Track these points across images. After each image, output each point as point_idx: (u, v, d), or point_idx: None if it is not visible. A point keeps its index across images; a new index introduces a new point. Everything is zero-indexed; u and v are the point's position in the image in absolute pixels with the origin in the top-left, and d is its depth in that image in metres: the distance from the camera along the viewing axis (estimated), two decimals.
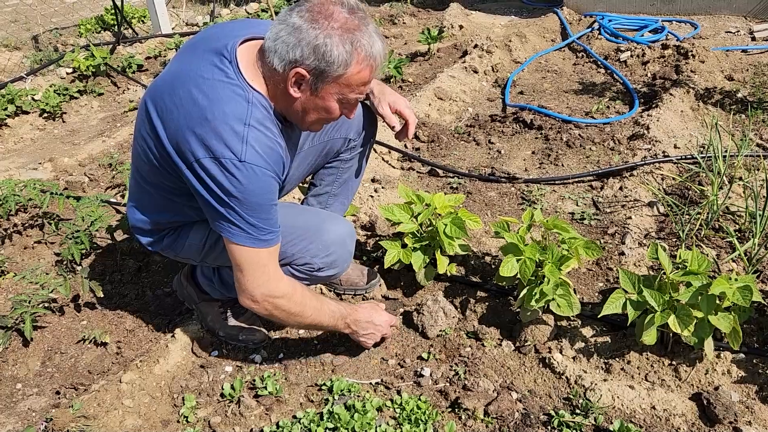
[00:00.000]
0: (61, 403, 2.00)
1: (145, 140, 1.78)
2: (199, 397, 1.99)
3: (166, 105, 1.69)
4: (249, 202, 1.64)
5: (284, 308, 1.82)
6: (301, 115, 1.74)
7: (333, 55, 1.57)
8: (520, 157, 3.41)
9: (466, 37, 5.19)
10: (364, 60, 1.62)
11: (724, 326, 1.81)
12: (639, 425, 1.79)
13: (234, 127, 1.60)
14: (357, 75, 1.64)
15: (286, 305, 1.81)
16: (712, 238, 2.53)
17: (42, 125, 4.17)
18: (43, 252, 2.77)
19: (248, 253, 1.71)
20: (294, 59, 1.59)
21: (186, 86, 1.66)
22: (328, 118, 1.76)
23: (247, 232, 1.68)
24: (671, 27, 5.04)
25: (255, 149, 1.61)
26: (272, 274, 1.78)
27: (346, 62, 1.59)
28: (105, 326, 2.35)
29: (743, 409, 1.81)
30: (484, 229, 2.73)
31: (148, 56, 5.10)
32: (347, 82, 1.64)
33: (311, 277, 1.98)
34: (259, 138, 1.63)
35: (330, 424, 1.84)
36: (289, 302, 1.82)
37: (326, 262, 1.95)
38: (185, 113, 1.63)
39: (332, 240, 1.95)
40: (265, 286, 1.76)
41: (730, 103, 3.66)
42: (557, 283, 2.02)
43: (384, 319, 2.09)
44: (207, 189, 1.64)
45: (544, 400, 1.92)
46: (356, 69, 1.62)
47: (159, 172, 1.78)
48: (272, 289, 1.78)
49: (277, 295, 1.79)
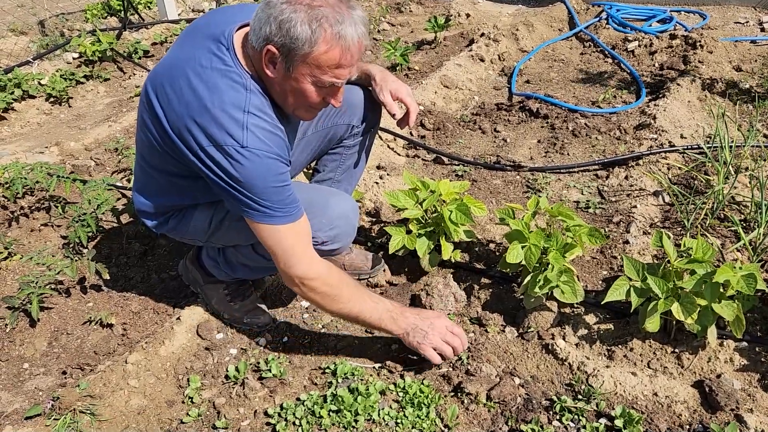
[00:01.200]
0: (68, 382, 2.02)
1: (148, 127, 1.79)
2: (204, 379, 2.01)
3: (167, 92, 1.69)
4: (256, 186, 1.65)
5: (319, 291, 1.82)
6: (282, 98, 1.72)
7: (297, 31, 1.53)
8: (526, 145, 3.40)
9: (473, 25, 5.17)
10: (332, 39, 1.56)
11: (727, 314, 1.82)
12: (641, 411, 1.80)
13: (234, 115, 1.61)
14: (325, 55, 1.58)
15: (320, 288, 1.81)
16: (717, 228, 2.53)
17: (48, 110, 4.17)
18: (50, 235, 2.79)
19: (270, 232, 1.73)
20: (265, 35, 1.58)
21: (185, 74, 1.67)
22: (307, 103, 1.71)
23: (262, 212, 1.69)
24: (680, 17, 5.01)
25: (256, 135, 1.62)
26: (301, 255, 1.78)
27: (311, 40, 1.55)
28: (111, 308, 2.37)
29: (745, 397, 1.81)
30: (489, 217, 2.73)
31: (154, 42, 5.10)
32: (316, 63, 1.60)
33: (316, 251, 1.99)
34: (259, 124, 1.64)
35: (333, 407, 1.86)
36: (323, 285, 1.82)
37: (330, 235, 1.95)
38: (185, 102, 1.64)
39: (336, 214, 1.95)
40: (297, 268, 1.78)
41: (738, 93, 3.64)
42: (561, 270, 2.02)
43: (439, 318, 1.96)
44: (215, 174, 1.66)
45: (546, 385, 1.93)
46: (323, 48, 1.57)
47: (163, 157, 1.80)
48: (305, 271, 1.78)
49: (310, 276, 1.79)
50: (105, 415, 1.85)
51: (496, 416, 1.84)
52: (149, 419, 1.88)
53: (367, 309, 1.89)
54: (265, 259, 2.02)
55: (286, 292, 2.37)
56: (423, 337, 1.91)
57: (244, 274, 2.16)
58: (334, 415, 1.84)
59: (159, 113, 1.71)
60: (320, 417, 1.83)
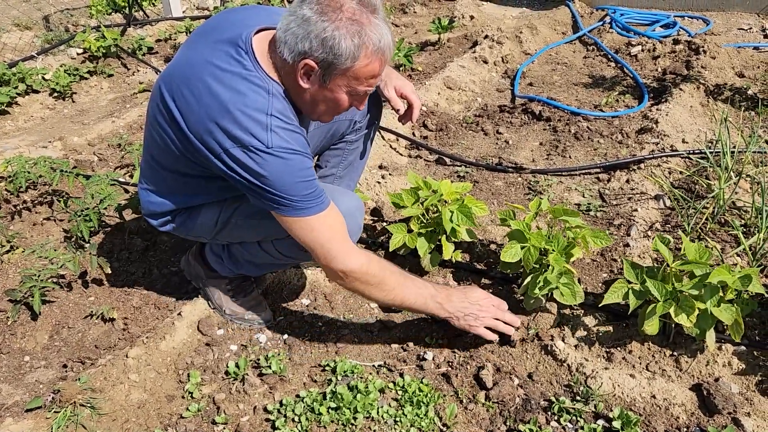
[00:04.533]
0: (68, 376, 2.03)
1: (162, 128, 1.80)
2: (204, 374, 2.02)
3: (184, 95, 1.71)
4: (285, 182, 1.67)
5: (363, 280, 1.83)
6: (311, 106, 1.76)
7: (341, 47, 1.58)
8: (528, 147, 3.41)
9: (477, 27, 5.18)
10: (373, 53, 1.63)
11: (726, 318, 1.82)
12: (639, 413, 1.81)
13: (257, 118, 1.63)
14: (365, 68, 1.65)
15: (363, 278, 1.82)
16: (717, 232, 2.53)
17: (52, 104, 4.18)
18: (52, 229, 2.80)
19: (304, 225, 1.74)
20: (303, 51, 1.61)
21: (203, 77, 1.68)
22: (337, 109, 1.78)
23: (290, 206, 1.71)
24: (683, 22, 5.02)
25: (280, 135, 1.65)
26: (340, 247, 1.79)
27: (354, 55, 1.60)
28: (112, 303, 2.38)
29: (742, 401, 1.82)
30: (490, 218, 2.74)
31: (158, 39, 5.11)
32: (355, 75, 1.66)
33: None
34: (281, 125, 1.66)
35: (333, 404, 1.87)
36: (366, 275, 1.82)
37: None
38: (206, 105, 1.66)
39: (342, 212, 1.94)
40: (338, 261, 1.78)
41: (740, 99, 3.65)
42: (561, 272, 2.03)
43: (482, 295, 2.00)
44: (242, 176, 1.68)
45: (545, 386, 1.93)
46: (365, 62, 1.63)
47: (178, 158, 1.81)
48: (347, 263, 1.79)
49: (353, 268, 1.79)
50: (105, 409, 1.86)
51: (495, 416, 1.85)
52: (149, 413, 1.89)
53: (411, 295, 1.90)
54: (271, 256, 2.04)
55: (288, 290, 2.38)
56: (474, 320, 1.95)
57: (248, 271, 2.17)
58: (333, 413, 1.85)
59: (176, 115, 1.72)
60: (319, 414, 1.84)
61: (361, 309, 2.31)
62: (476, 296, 1.99)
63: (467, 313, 1.94)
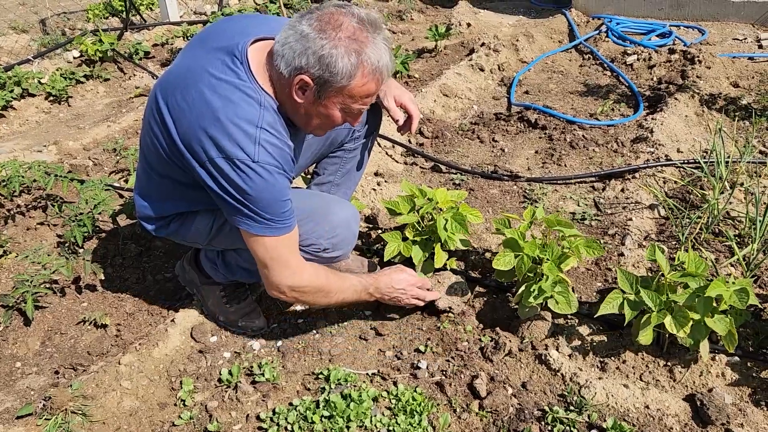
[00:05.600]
0: (60, 382, 2.02)
1: (155, 133, 1.80)
2: (196, 382, 2.01)
3: (178, 102, 1.71)
4: (263, 199, 1.68)
5: (310, 294, 1.91)
6: (305, 120, 1.76)
7: (338, 66, 1.59)
8: (524, 156, 3.42)
9: (474, 35, 5.20)
10: (370, 73, 1.63)
11: (720, 329, 1.83)
12: (632, 424, 1.80)
13: (246, 130, 1.63)
14: (362, 87, 1.65)
15: (311, 291, 1.90)
16: (711, 242, 2.54)
17: (47, 108, 4.18)
18: (46, 234, 2.79)
19: (268, 243, 1.76)
20: (299, 66, 1.61)
21: (198, 85, 1.68)
22: (330, 125, 1.79)
23: (262, 224, 1.73)
24: (679, 32, 5.04)
25: (267, 150, 1.65)
26: (295, 266, 1.84)
27: (350, 74, 1.61)
28: (105, 309, 2.37)
29: (736, 412, 1.82)
30: (485, 226, 2.74)
31: (155, 43, 5.11)
32: (350, 94, 1.66)
33: (317, 258, 2.01)
34: (270, 140, 1.66)
35: (326, 412, 1.86)
36: (313, 288, 1.90)
37: (331, 243, 1.98)
38: (197, 113, 1.66)
39: (337, 222, 1.99)
40: (291, 279, 1.84)
41: (735, 109, 3.66)
42: (556, 281, 2.03)
43: (405, 279, 2.11)
44: (221, 187, 1.68)
45: (538, 396, 1.93)
46: (361, 81, 1.64)
47: (168, 164, 1.81)
48: (297, 281, 1.85)
49: (303, 284, 1.87)
50: (97, 416, 1.85)
51: (488, 426, 1.84)
52: (141, 421, 1.88)
53: (349, 293, 2.01)
54: None
55: None
56: (398, 298, 2.12)
57: (242, 277, 2.17)
58: (326, 421, 1.84)
59: (168, 121, 1.72)
60: (312, 422, 1.83)
61: (354, 317, 2.31)
62: (400, 278, 2.11)
63: (393, 296, 2.10)
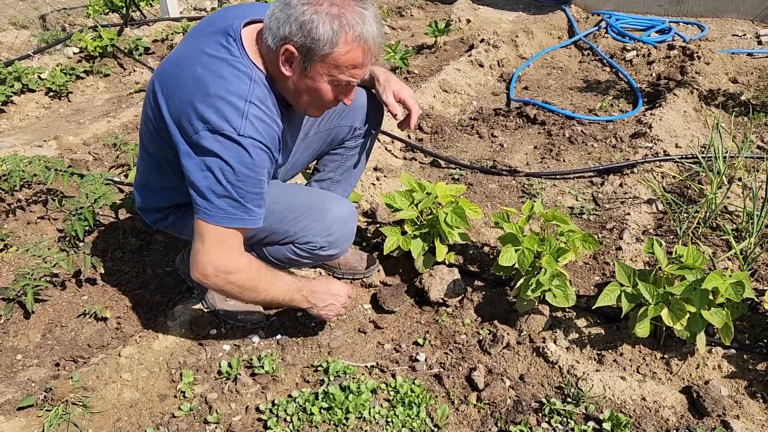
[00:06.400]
0: (61, 374, 2.03)
1: (150, 119, 1.81)
2: (196, 374, 2.02)
3: (171, 84, 1.71)
4: (240, 173, 1.63)
5: (238, 283, 1.76)
6: (296, 96, 1.74)
7: (319, 32, 1.57)
8: (522, 151, 3.43)
9: (473, 31, 5.20)
10: (354, 40, 1.60)
11: (716, 321, 1.84)
12: (629, 415, 1.82)
13: (235, 103, 1.62)
14: (345, 56, 1.62)
15: (239, 280, 1.76)
16: (709, 237, 2.55)
17: (47, 104, 4.18)
18: (46, 228, 2.80)
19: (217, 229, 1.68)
20: (284, 35, 1.60)
21: (191, 65, 1.69)
22: (321, 101, 1.74)
23: (225, 209, 1.65)
24: (678, 28, 5.05)
25: (254, 125, 1.63)
26: (233, 250, 1.73)
27: (332, 41, 1.58)
28: (105, 302, 2.38)
29: (732, 404, 1.83)
30: (484, 220, 2.75)
31: (155, 39, 5.11)
32: (335, 63, 1.63)
33: (313, 256, 2.00)
34: (258, 115, 1.64)
35: (325, 404, 1.87)
36: (242, 278, 1.76)
37: (328, 241, 1.96)
38: (189, 91, 1.65)
39: (334, 219, 1.96)
40: (222, 261, 1.71)
41: (734, 105, 3.67)
42: (554, 274, 2.04)
43: (341, 289, 2.04)
44: (199, 160, 1.63)
45: (536, 388, 1.94)
46: (344, 49, 1.60)
47: (164, 150, 1.81)
48: (228, 265, 1.72)
49: (232, 270, 1.73)
50: (97, 408, 1.86)
51: (486, 417, 1.86)
52: (141, 412, 1.89)
53: (280, 292, 1.89)
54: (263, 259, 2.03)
55: None
56: (328, 310, 2.02)
57: None
58: (325, 413, 1.85)
59: (162, 104, 1.72)
60: (311, 414, 1.85)
61: (354, 310, 2.32)
62: (337, 287, 2.03)
63: (327, 303, 2.00)
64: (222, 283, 1.75)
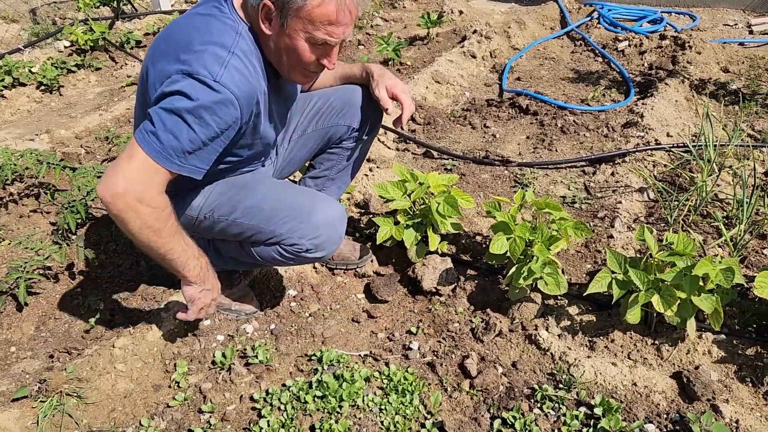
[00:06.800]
0: (55, 366, 2.03)
1: (139, 94, 1.81)
2: (190, 364, 2.03)
3: (161, 49, 1.71)
4: (197, 113, 1.58)
5: (143, 217, 1.62)
6: (278, 57, 1.73)
7: None
8: (515, 141, 3.43)
9: (466, 22, 5.19)
10: None
11: (706, 307, 1.86)
12: (620, 400, 1.83)
13: (217, 53, 1.62)
14: (318, 9, 1.61)
15: (146, 215, 1.62)
16: (699, 224, 2.57)
17: (39, 98, 4.16)
18: (39, 221, 2.79)
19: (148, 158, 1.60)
20: None
21: (181, 27, 1.71)
22: (301, 61, 1.72)
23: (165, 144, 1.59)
24: (670, 18, 5.06)
25: (232, 75, 1.61)
26: (154, 185, 1.63)
27: None
28: (99, 294, 2.38)
29: (721, 388, 1.85)
30: (476, 210, 2.76)
31: (146, 32, 5.09)
32: (309, 17, 1.62)
33: (299, 258, 1.95)
34: (239, 67, 1.64)
35: (318, 392, 1.88)
36: (151, 214, 1.63)
37: (314, 243, 1.90)
38: (174, 44, 1.67)
39: (322, 222, 1.90)
40: (139, 186, 1.60)
41: (724, 94, 3.69)
42: (545, 262, 2.05)
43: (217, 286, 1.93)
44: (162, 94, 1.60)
45: (528, 375, 1.96)
46: (316, 2, 1.61)
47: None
48: (144, 194, 1.61)
49: (146, 201, 1.61)
50: (91, 398, 1.87)
51: (479, 404, 1.87)
52: (136, 402, 1.90)
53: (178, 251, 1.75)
54: (251, 257, 2.02)
55: (275, 281, 2.39)
56: (205, 295, 1.88)
57: (233, 266, 2.17)
58: (318, 401, 1.86)
59: (148, 64, 1.72)
60: (305, 402, 1.86)
61: (347, 300, 2.33)
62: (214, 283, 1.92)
63: (208, 287, 1.88)
64: (125, 209, 1.59)
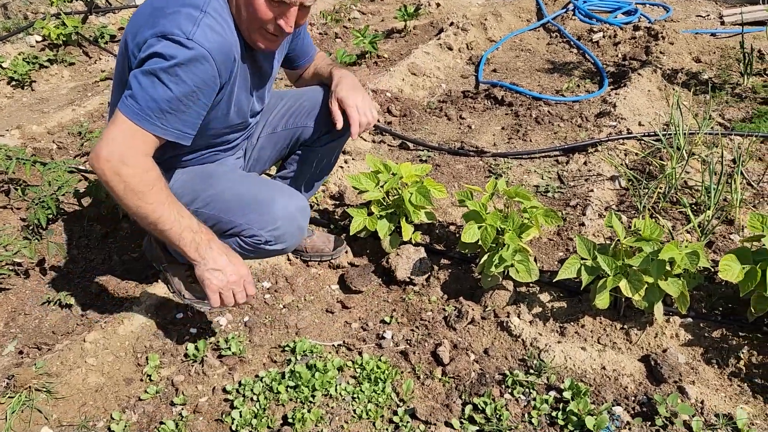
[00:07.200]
0: (24, 362, 2.01)
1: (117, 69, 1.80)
2: (162, 357, 2.02)
3: (137, 21, 1.71)
4: (173, 73, 1.59)
5: (126, 179, 1.59)
6: (239, 16, 1.73)
7: None
8: (490, 132, 3.45)
9: (443, 15, 5.20)
10: None
11: (672, 291, 1.89)
12: (589, 384, 1.86)
13: (190, 13, 1.63)
14: None
15: (129, 176, 1.60)
16: (669, 211, 2.61)
17: (10, 93, 4.11)
18: (9, 217, 2.75)
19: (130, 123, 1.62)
20: None
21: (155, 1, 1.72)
22: (259, 19, 1.70)
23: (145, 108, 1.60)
24: (644, 9, 5.10)
25: (205, 32, 1.63)
26: (137, 147, 1.63)
27: None
28: (71, 289, 2.36)
29: (688, 370, 1.89)
30: (450, 200, 2.78)
31: (121, 27, 5.03)
32: None
33: (258, 250, 1.91)
34: (212, 24, 1.65)
35: (291, 383, 1.89)
36: (134, 176, 1.60)
37: (273, 235, 1.87)
38: (150, 14, 1.67)
39: (282, 214, 1.87)
40: (121, 148, 1.60)
41: (696, 83, 3.73)
42: (516, 250, 2.07)
43: (240, 269, 1.75)
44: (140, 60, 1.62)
45: (500, 361, 1.98)
46: None
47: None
48: (126, 155, 1.60)
49: (128, 162, 1.60)
50: (62, 393, 1.85)
51: (451, 390, 1.89)
52: (107, 396, 1.89)
53: (168, 219, 1.66)
54: None
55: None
56: (217, 278, 1.72)
57: None
58: (291, 391, 1.87)
59: (126, 36, 1.72)
60: (278, 393, 1.86)
61: (321, 291, 2.33)
62: (236, 262, 1.75)
63: (217, 267, 1.71)
64: (109, 173, 1.59)
